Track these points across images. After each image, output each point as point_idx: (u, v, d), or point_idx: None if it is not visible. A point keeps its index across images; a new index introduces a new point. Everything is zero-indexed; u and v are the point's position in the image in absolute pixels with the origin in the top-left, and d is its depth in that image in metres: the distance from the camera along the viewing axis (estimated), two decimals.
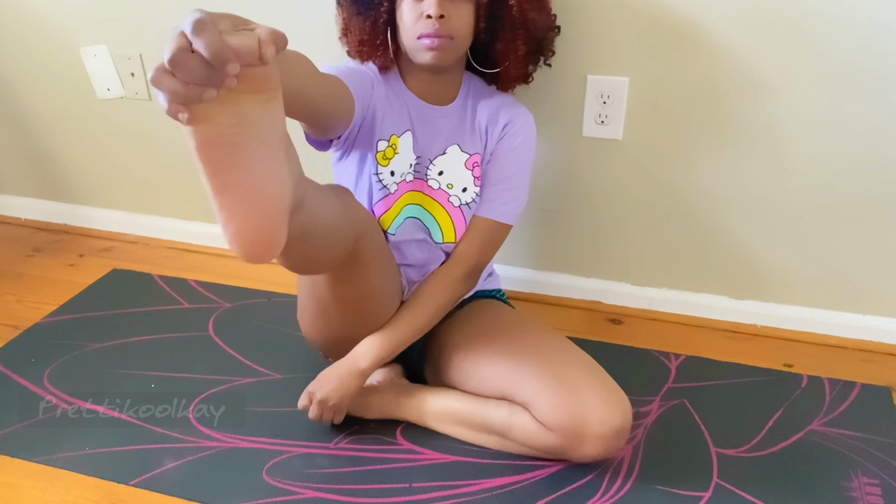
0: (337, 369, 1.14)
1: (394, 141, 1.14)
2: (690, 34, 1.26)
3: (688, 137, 1.34)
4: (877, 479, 1.11)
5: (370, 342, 1.14)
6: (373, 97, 1.12)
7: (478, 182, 1.18)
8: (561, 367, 1.06)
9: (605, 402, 1.02)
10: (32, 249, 1.77)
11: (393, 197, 1.15)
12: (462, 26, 1.08)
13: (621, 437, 1.03)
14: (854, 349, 1.41)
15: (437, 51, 1.07)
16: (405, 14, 1.07)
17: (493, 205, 1.19)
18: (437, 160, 1.17)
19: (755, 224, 1.39)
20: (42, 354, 1.38)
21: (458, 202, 1.18)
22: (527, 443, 1.09)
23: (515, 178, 1.20)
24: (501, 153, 1.18)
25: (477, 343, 1.16)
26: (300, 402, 1.16)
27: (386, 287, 1.16)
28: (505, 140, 1.18)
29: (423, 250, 1.19)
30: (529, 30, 1.14)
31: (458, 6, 1.06)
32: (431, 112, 1.17)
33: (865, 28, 1.18)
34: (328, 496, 1.08)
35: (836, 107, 1.25)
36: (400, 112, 1.16)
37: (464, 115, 1.19)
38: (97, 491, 1.09)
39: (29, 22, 1.64)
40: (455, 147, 1.18)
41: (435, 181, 1.17)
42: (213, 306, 1.53)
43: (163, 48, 0.59)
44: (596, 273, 1.54)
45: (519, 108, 1.20)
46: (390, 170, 1.14)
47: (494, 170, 1.19)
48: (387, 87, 1.16)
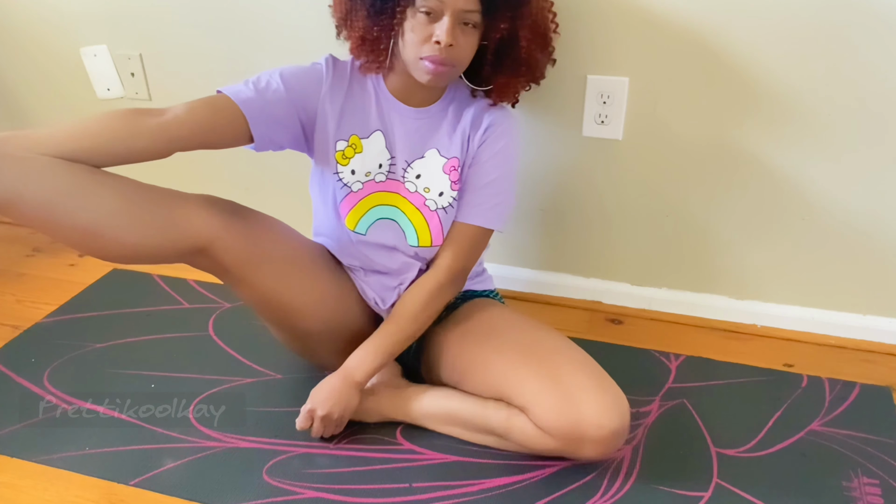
0: (332, 383, 1.13)
1: (354, 140, 1.14)
2: (690, 34, 1.26)
3: (687, 137, 1.34)
4: (877, 479, 1.11)
5: (362, 353, 1.14)
6: (319, 101, 1.12)
7: (454, 186, 1.17)
8: (556, 369, 1.06)
9: (601, 405, 1.02)
10: (32, 249, 1.77)
11: (356, 196, 1.15)
12: (467, 55, 1.08)
13: (619, 437, 1.03)
14: (854, 349, 1.41)
15: (435, 75, 1.07)
16: (413, 30, 1.05)
17: (479, 210, 1.17)
18: (416, 163, 1.17)
19: (755, 224, 1.39)
20: (42, 354, 1.38)
21: (434, 206, 1.17)
22: (526, 445, 1.09)
23: (500, 182, 1.17)
24: (484, 158, 1.16)
25: (472, 344, 1.16)
26: (300, 424, 1.14)
27: (286, 293, 1.14)
28: (487, 144, 1.16)
29: (394, 259, 1.19)
30: (531, 67, 1.17)
31: (466, 35, 1.06)
32: (409, 113, 1.16)
33: (864, 24, 1.18)
34: (328, 496, 1.08)
35: (836, 106, 1.25)
36: (366, 112, 1.15)
37: (444, 119, 1.17)
38: (97, 491, 1.09)
39: (29, 22, 1.64)
40: (434, 151, 1.17)
41: (412, 184, 1.17)
42: (213, 306, 1.53)
43: (163, 48, 0.58)
44: (596, 273, 1.54)
45: (501, 111, 1.18)
46: (350, 168, 1.15)
47: (478, 175, 1.17)
48: (355, 86, 1.15)
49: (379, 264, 1.19)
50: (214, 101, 1.06)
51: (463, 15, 1.04)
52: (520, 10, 1.09)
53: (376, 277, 1.21)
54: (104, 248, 1.01)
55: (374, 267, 1.20)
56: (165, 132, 1.01)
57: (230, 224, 1.08)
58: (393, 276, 1.20)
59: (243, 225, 1.10)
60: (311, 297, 1.17)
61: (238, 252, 1.09)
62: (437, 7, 1.03)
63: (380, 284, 1.21)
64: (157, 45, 1.57)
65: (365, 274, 1.22)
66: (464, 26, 1.05)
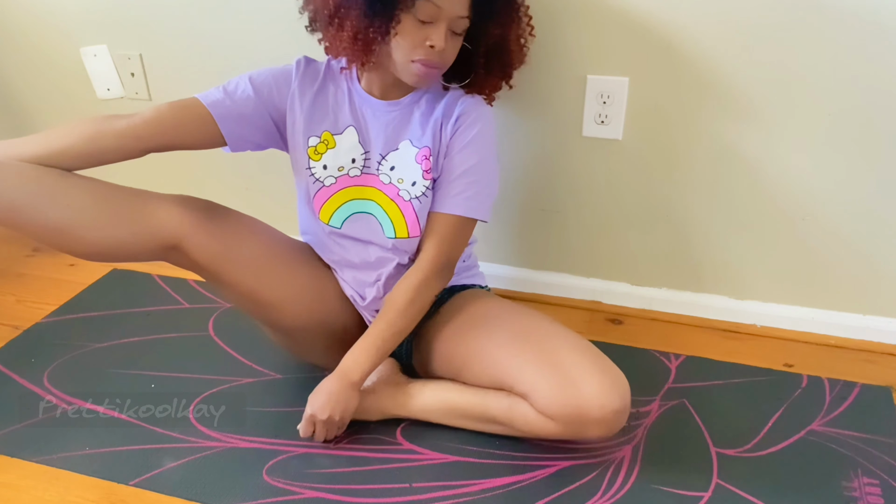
0: (329, 387, 1.13)
1: (326, 136, 1.17)
2: (690, 34, 1.26)
3: (687, 137, 1.34)
4: (877, 479, 1.11)
5: (355, 353, 1.14)
6: (287, 99, 1.17)
7: (427, 175, 1.16)
8: (554, 354, 1.06)
9: (602, 384, 1.02)
10: (32, 249, 1.77)
11: (328, 190, 1.18)
12: (452, 57, 1.12)
13: (622, 416, 1.04)
14: (854, 349, 1.41)
15: (425, 78, 1.10)
16: (407, 33, 1.06)
17: (457, 200, 1.16)
18: (390, 155, 1.18)
19: (755, 224, 1.39)
20: (42, 354, 1.38)
21: (408, 196, 1.17)
22: (530, 432, 1.10)
23: (477, 169, 1.16)
24: (458, 147, 1.16)
25: (468, 335, 1.16)
26: (303, 431, 1.14)
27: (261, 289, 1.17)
28: (459, 133, 1.16)
29: (370, 253, 1.19)
30: (508, 70, 1.21)
31: (454, 39, 1.10)
32: (380, 107, 1.18)
33: (863, 29, 1.18)
34: (328, 496, 1.08)
35: (838, 105, 1.25)
36: (339, 108, 1.18)
37: (416, 109, 1.18)
38: (97, 491, 1.09)
39: (29, 22, 1.64)
40: (406, 142, 1.18)
41: (386, 176, 1.18)
42: (213, 306, 1.53)
43: (163, 48, 0.59)
44: (596, 273, 1.54)
45: (473, 100, 1.18)
46: (322, 164, 1.17)
47: (453, 164, 1.16)
48: (329, 83, 1.19)
49: (355, 258, 1.20)
50: (183, 103, 1.13)
51: (456, 21, 1.08)
52: (511, 16, 1.14)
53: (352, 273, 1.22)
54: (73, 244, 1.07)
55: (350, 262, 1.21)
56: (132, 131, 1.09)
57: (201, 221, 1.12)
58: (369, 270, 1.20)
59: (215, 223, 1.14)
60: (288, 292, 1.19)
61: (209, 249, 1.13)
62: (434, 14, 1.06)
63: (356, 280, 1.22)
64: (157, 45, 1.57)
65: (342, 270, 1.23)
66: (452, 32, 1.09)
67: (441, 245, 1.17)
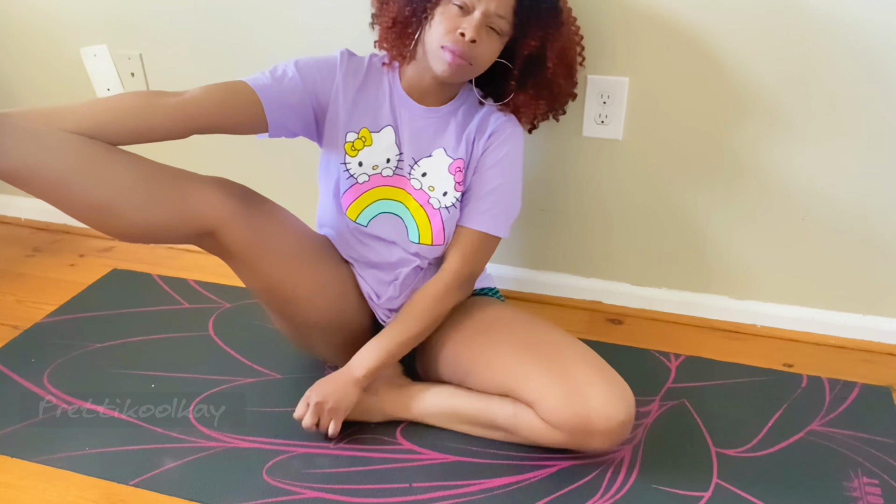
0: (332, 376, 1.15)
1: (364, 133, 1.16)
2: (690, 34, 1.26)
3: (688, 137, 1.35)
4: (877, 479, 1.11)
5: (365, 352, 1.15)
6: (332, 90, 1.14)
7: (458, 187, 1.17)
8: (562, 364, 1.07)
9: (609, 397, 1.03)
10: (32, 249, 1.77)
11: (361, 187, 1.17)
12: (485, 57, 1.10)
13: (626, 428, 1.05)
14: (854, 349, 1.41)
15: (453, 67, 1.08)
16: (442, 19, 1.07)
17: (483, 217, 1.17)
18: (423, 161, 1.18)
19: (755, 224, 1.39)
20: (42, 354, 1.38)
21: (437, 204, 1.17)
22: (534, 440, 1.10)
23: (503, 189, 1.18)
24: (487, 164, 1.17)
25: (475, 341, 1.16)
26: (297, 412, 1.15)
27: (288, 283, 1.16)
28: (490, 150, 1.17)
29: (393, 253, 1.19)
30: (553, 92, 1.19)
31: (490, 38, 1.09)
32: (418, 111, 1.17)
33: (863, 29, 1.18)
34: (328, 496, 1.08)
35: (838, 105, 1.25)
36: (379, 106, 1.17)
37: (453, 120, 1.18)
38: (97, 491, 1.09)
39: (29, 22, 1.64)
40: (441, 150, 1.18)
41: (417, 181, 1.18)
42: (213, 306, 1.53)
43: (163, 48, 0.59)
44: (596, 273, 1.54)
45: (507, 119, 1.19)
46: (358, 160, 1.16)
47: (482, 181, 1.18)
48: (371, 80, 1.17)
49: (376, 257, 1.20)
50: (232, 85, 1.09)
51: (493, 18, 1.07)
52: (552, 30, 1.12)
53: (371, 271, 1.22)
54: (116, 224, 1.03)
55: (370, 260, 1.21)
56: (182, 110, 1.04)
57: (239, 210, 1.09)
58: (388, 269, 1.20)
59: (252, 212, 1.11)
60: (313, 288, 1.18)
61: (244, 238, 1.10)
62: (470, 2, 1.05)
63: (375, 278, 1.22)
64: (157, 45, 1.57)
65: (361, 267, 1.23)
66: (489, 29, 1.08)
67: (465, 258, 1.18)
